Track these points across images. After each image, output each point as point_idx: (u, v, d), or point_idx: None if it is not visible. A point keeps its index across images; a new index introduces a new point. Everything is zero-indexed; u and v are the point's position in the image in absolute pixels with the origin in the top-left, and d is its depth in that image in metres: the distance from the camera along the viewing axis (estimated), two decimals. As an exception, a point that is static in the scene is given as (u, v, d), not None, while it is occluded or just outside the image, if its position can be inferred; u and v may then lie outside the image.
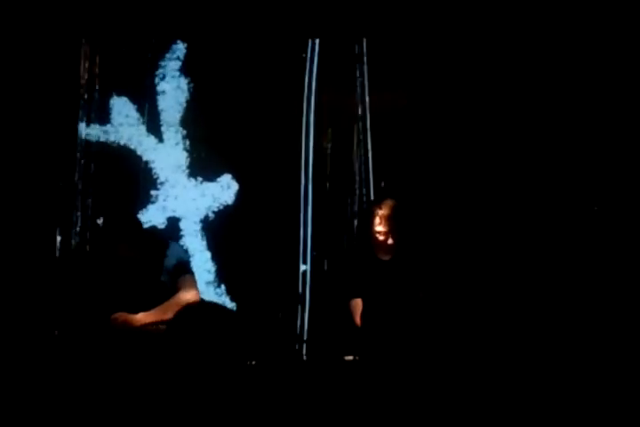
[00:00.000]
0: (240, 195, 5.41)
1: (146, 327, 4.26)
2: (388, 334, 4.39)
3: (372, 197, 5.37)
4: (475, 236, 5.13)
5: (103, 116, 5.37)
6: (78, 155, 5.35)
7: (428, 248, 4.63)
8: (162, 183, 5.44)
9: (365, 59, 5.42)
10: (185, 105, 5.41)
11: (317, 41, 5.41)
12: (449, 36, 5.25)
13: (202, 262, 5.34)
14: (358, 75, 5.42)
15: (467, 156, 5.24)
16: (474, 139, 5.23)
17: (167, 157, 5.43)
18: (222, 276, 5.37)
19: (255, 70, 5.41)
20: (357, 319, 4.55)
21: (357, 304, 4.58)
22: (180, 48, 5.39)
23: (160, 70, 5.39)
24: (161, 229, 5.31)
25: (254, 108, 5.42)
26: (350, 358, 4.56)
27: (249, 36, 5.35)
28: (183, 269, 4.38)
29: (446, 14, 5.22)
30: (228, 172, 5.43)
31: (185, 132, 5.42)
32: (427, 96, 5.33)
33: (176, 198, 5.43)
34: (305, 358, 5.17)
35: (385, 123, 5.40)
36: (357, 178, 5.43)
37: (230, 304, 5.32)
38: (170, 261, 4.38)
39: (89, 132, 5.37)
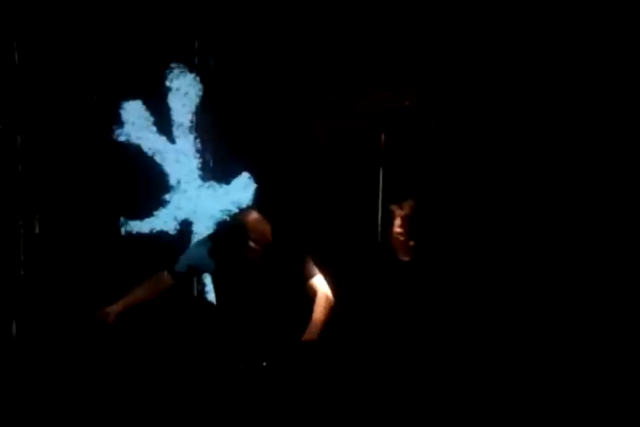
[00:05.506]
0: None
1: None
2: (407, 335, 4.40)
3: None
4: (495, 237, 5.13)
5: (114, 118, 5.29)
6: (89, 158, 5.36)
7: (449, 249, 4.57)
8: (174, 186, 5.38)
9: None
10: (198, 106, 5.33)
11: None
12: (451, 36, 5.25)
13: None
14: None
15: (488, 157, 5.25)
16: (493, 138, 5.25)
17: (180, 159, 5.36)
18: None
19: (267, 70, 5.36)
20: None
21: None
22: (193, 48, 5.32)
23: (173, 71, 5.30)
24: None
25: (268, 109, 5.38)
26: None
27: (261, 34, 5.32)
28: None
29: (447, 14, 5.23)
30: (243, 174, 5.37)
31: (198, 133, 5.35)
32: (434, 96, 5.33)
33: (189, 201, 5.37)
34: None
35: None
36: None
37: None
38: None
39: (100, 134, 5.33)
